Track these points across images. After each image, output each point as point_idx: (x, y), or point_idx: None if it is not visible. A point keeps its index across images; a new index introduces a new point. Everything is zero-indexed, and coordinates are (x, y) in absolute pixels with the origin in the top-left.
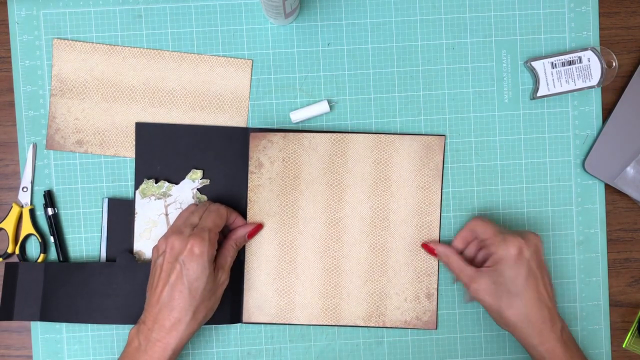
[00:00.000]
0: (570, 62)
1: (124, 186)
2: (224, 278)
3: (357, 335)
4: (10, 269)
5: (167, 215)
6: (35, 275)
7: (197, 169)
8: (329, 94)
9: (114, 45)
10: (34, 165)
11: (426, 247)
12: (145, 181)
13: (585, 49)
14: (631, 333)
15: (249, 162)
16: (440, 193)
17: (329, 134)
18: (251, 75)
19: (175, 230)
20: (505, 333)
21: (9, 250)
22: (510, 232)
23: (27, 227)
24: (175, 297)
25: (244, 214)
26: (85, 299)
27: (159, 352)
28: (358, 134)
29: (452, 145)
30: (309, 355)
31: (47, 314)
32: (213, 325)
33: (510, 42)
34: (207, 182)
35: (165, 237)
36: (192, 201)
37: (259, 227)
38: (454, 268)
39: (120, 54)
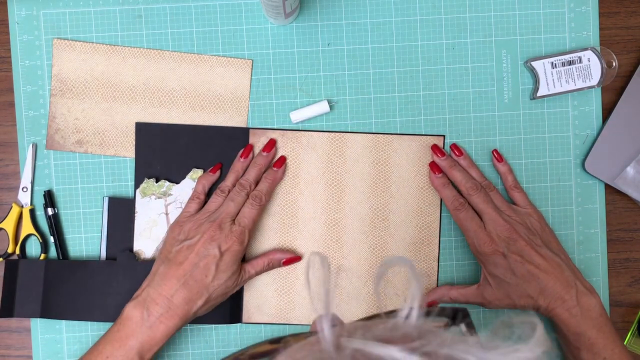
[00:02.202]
0: (570, 62)
1: (124, 186)
2: (237, 286)
3: None
4: (11, 265)
5: (167, 214)
6: (36, 272)
7: (197, 169)
8: (329, 94)
9: (114, 45)
10: (34, 165)
11: (426, 305)
12: (146, 180)
13: (585, 49)
14: (631, 333)
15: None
16: None
17: (327, 133)
18: (251, 75)
19: (215, 220)
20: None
21: (9, 250)
22: (482, 231)
23: (27, 227)
24: (198, 279)
25: None
26: (85, 296)
27: (162, 329)
28: (356, 134)
29: None
30: None
31: (48, 311)
32: (213, 325)
33: (510, 42)
34: None
35: (200, 223)
36: None
37: (297, 258)
38: (462, 300)
39: (120, 54)
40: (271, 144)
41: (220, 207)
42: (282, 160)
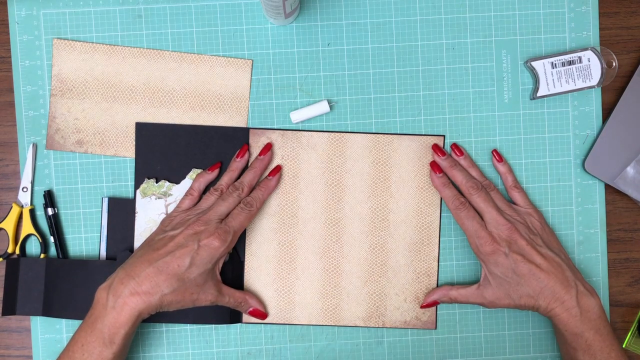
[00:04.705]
0: (570, 62)
1: (124, 186)
2: (210, 297)
3: (357, 335)
4: (12, 264)
5: (167, 214)
6: (37, 271)
7: (197, 169)
8: (329, 94)
9: (114, 45)
10: (34, 165)
11: (427, 305)
12: (146, 180)
13: (585, 49)
14: (631, 333)
15: (249, 159)
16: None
17: (327, 133)
18: (251, 75)
19: (203, 217)
20: (505, 333)
21: (9, 250)
22: (483, 230)
23: (27, 227)
24: (170, 266)
25: None
26: (86, 295)
27: (127, 310)
28: (356, 134)
29: None
30: (309, 355)
31: (49, 310)
32: (213, 325)
33: (510, 42)
34: None
35: (188, 218)
36: None
37: (264, 315)
38: (462, 299)
39: (120, 54)
40: (267, 148)
41: (211, 206)
42: (277, 169)
